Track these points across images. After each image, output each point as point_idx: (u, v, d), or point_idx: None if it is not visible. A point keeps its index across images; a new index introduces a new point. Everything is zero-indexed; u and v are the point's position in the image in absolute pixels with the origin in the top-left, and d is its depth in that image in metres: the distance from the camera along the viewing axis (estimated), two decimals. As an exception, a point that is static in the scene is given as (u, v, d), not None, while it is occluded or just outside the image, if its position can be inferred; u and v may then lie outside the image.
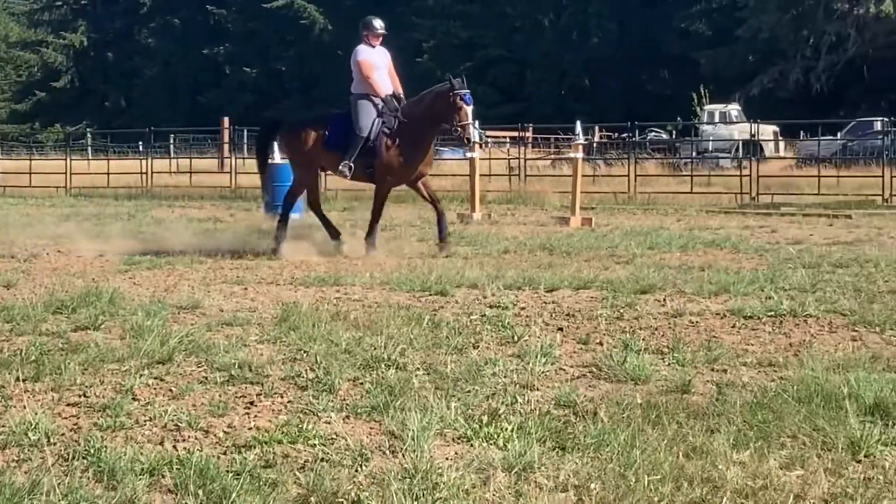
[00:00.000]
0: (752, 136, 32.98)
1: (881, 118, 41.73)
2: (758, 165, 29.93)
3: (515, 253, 15.38)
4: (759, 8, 63.19)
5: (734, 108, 50.63)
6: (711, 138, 44.28)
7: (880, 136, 33.82)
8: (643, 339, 8.78)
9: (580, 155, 23.84)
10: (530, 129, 42.61)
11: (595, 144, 38.53)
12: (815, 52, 63.15)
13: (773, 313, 9.87)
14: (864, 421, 6.25)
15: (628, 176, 29.72)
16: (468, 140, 15.86)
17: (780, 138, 45.36)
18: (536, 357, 8.00)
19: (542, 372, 7.69)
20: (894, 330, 9.15)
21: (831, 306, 10.28)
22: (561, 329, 9.31)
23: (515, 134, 38.66)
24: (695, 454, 5.76)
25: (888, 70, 64.08)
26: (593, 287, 11.65)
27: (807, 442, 5.95)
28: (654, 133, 45.69)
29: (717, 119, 48.39)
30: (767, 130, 43.87)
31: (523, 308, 10.43)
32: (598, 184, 30.87)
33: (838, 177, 30.60)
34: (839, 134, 43.18)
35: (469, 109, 15.31)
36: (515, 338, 8.81)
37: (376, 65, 15.85)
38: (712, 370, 7.76)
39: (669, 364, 7.93)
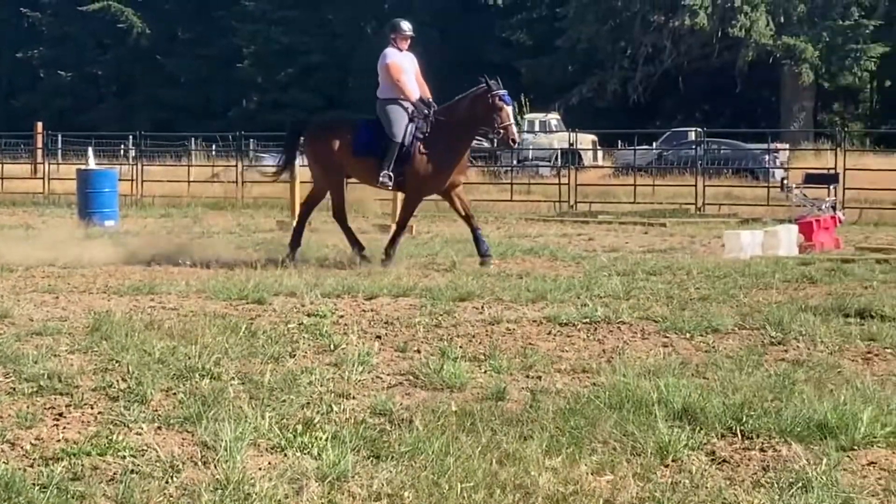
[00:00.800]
0: (571, 144, 33.47)
1: (695, 128, 42.76)
2: (576, 174, 30.39)
3: (335, 260, 15.33)
4: (578, 19, 64.15)
5: (554, 118, 51.35)
6: (531, 147, 44.83)
7: (694, 146, 34.64)
8: (460, 347, 8.84)
9: (401, 162, 23.84)
10: (351, 135, 42.48)
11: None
12: (633, 63, 64.35)
13: (588, 320, 10.04)
14: (672, 426, 6.38)
15: (448, 183, 29.87)
16: (513, 141, 15.30)
17: (599, 147, 46.11)
18: (353, 365, 7.99)
19: (359, 380, 7.68)
20: (704, 336, 9.38)
21: (644, 313, 10.49)
22: (379, 337, 9.32)
23: (337, 141, 38.52)
24: (508, 461, 5.81)
25: (702, 81, 65.70)
26: (412, 295, 11.69)
27: (617, 447, 6.06)
28: (475, 141, 45.98)
29: (537, 128, 49.00)
30: (586, 139, 44.57)
31: (342, 316, 10.41)
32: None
33: (654, 185, 31.24)
34: (654, 143, 44.13)
35: (510, 109, 14.92)
36: (333, 346, 8.78)
37: (405, 68, 15.25)
38: (527, 377, 7.85)
39: (486, 371, 8.00)
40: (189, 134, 43.15)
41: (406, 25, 15.51)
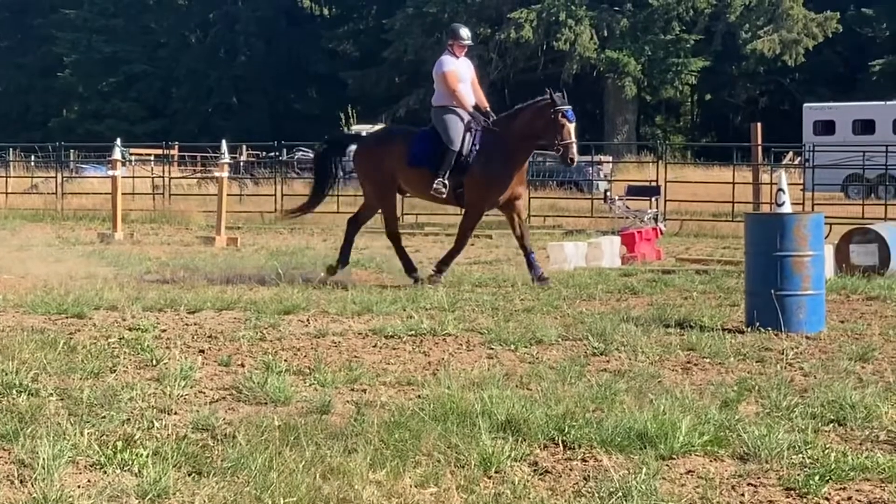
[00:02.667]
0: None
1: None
2: (402, 186, 30.41)
3: (158, 273, 15.08)
4: (405, 31, 64.45)
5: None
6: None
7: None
8: (285, 360, 8.77)
9: (225, 174, 23.66)
10: (176, 147, 42.00)
11: (242, 163, 38.31)
12: (459, 75, 64.87)
13: (413, 332, 10.07)
14: (496, 437, 6.42)
15: (275, 195, 29.68)
16: (571, 160, 14.31)
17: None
18: (175, 380, 7.85)
19: (181, 395, 7.56)
20: (528, 348, 9.47)
21: (470, 325, 10.58)
22: (202, 351, 9.19)
23: (160, 152, 37.97)
24: (332, 475, 5.77)
25: (528, 94, 66.27)
26: (237, 308, 11.57)
27: (441, 459, 6.06)
28: (301, 152, 45.82)
29: (363, 139, 48.97)
30: (412, 151, 44.69)
31: (164, 330, 10.24)
32: (245, 203, 30.71)
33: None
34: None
35: (572, 127, 14.20)
36: (155, 361, 8.62)
37: (462, 77, 14.67)
38: (353, 390, 7.82)
39: (311, 385, 7.95)
40: (7, 144, 42.05)
41: (465, 33, 14.99)
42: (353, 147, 16.15)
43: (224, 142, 24.49)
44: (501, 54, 63.22)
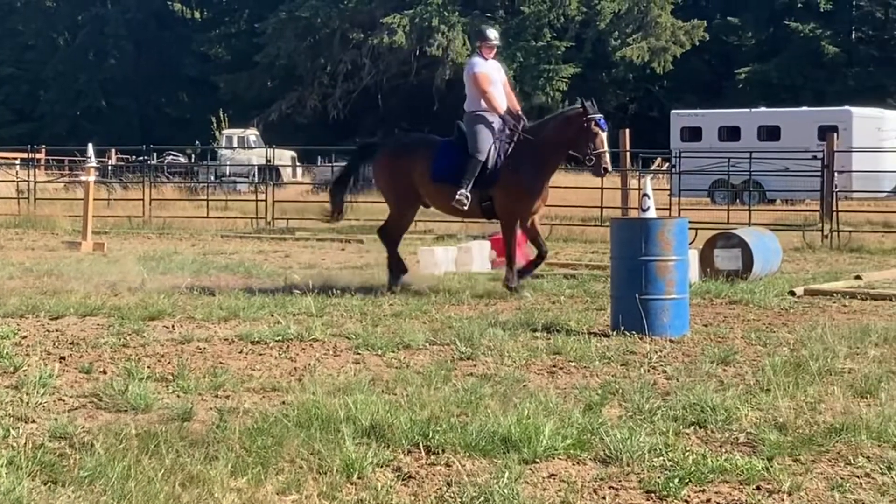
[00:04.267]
0: (269, 161, 33.31)
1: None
2: (274, 190, 30.27)
3: (20, 279, 14.77)
4: (277, 35, 64.15)
5: (252, 133, 51.08)
6: (229, 163, 44.46)
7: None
8: (148, 367, 8.63)
9: (92, 178, 23.26)
10: (42, 150, 41.23)
11: (110, 167, 37.73)
12: (332, 79, 64.78)
13: (280, 338, 9.99)
14: (360, 443, 6.38)
15: (143, 200, 29.29)
16: (605, 170, 13.99)
17: (298, 164, 46.13)
18: (34, 388, 7.69)
19: (40, 403, 7.40)
20: (395, 353, 9.45)
21: (338, 330, 10.53)
22: (63, 358, 9.02)
23: (25, 155, 37.20)
24: (192, 483, 5.69)
25: (401, 99, 66.62)
26: (100, 314, 11.39)
27: (304, 466, 6.01)
28: (171, 157, 45.35)
29: (235, 143, 48.65)
30: (285, 156, 44.57)
31: (25, 337, 10.04)
32: (112, 207, 30.26)
33: (352, 202, 31.25)
34: (353, 160, 44.34)
35: (605, 136, 13.77)
36: (13, 368, 8.44)
37: (493, 79, 14.14)
38: (216, 396, 7.73)
39: (173, 391, 7.83)
40: None
41: (493, 34, 14.52)
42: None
43: (91, 145, 24.04)
44: (374, 59, 63.28)
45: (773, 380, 8.07)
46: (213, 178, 39.83)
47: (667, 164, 36.66)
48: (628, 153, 27.45)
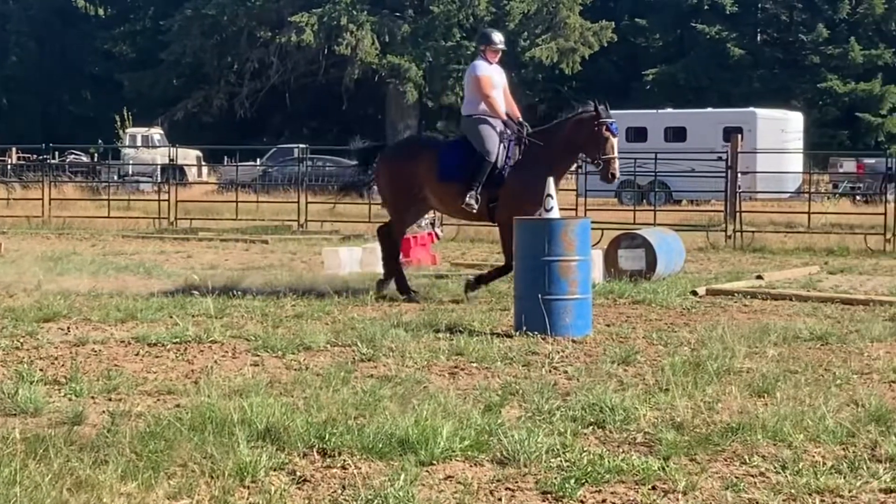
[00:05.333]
0: (172, 160, 32.92)
1: (301, 145, 43.03)
2: (177, 190, 29.96)
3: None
4: (183, 32, 63.50)
5: (157, 132, 50.55)
6: (133, 162, 43.94)
7: (298, 163, 34.77)
8: (41, 370, 8.46)
9: (-9, 177, 22.86)
10: (-60, 149, 40.54)
11: (10, 166, 37.12)
12: (239, 78, 64.26)
13: (178, 340, 9.85)
14: (254, 446, 6.27)
15: (43, 199, 28.83)
16: (613, 176, 13.48)
17: (204, 163, 45.73)
18: (-80, 392, 7.48)
19: (-75, 408, 7.20)
20: (295, 354, 9.35)
21: (237, 332, 10.40)
22: (-47, 361, 8.80)
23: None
24: (80, 488, 5.55)
25: (309, 98, 66.30)
26: (-7, 315, 11.14)
27: (196, 470, 5.90)
28: (73, 156, 44.73)
29: (139, 142, 48.11)
30: (190, 155, 44.13)
31: (-86, 339, 9.78)
32: (12, 207, 29.79)
33: (258, 202, 31.18)
34: (259, 160, 44.06)
35: (615, 141, 13.46)
36: None
37: (495, 83, 13.76)
38: (109, 400, 7.58)
39: (65, 395, 7.67)
40: None
41: (497, 37, 14.06)
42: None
43: (-10, 144, 23.62)
44: (282, 58, 62.85)
45: (673, 380, 8.08)
46: (116, 177, 39.34)
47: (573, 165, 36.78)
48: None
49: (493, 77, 13.78)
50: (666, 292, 13.57)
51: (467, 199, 13.38)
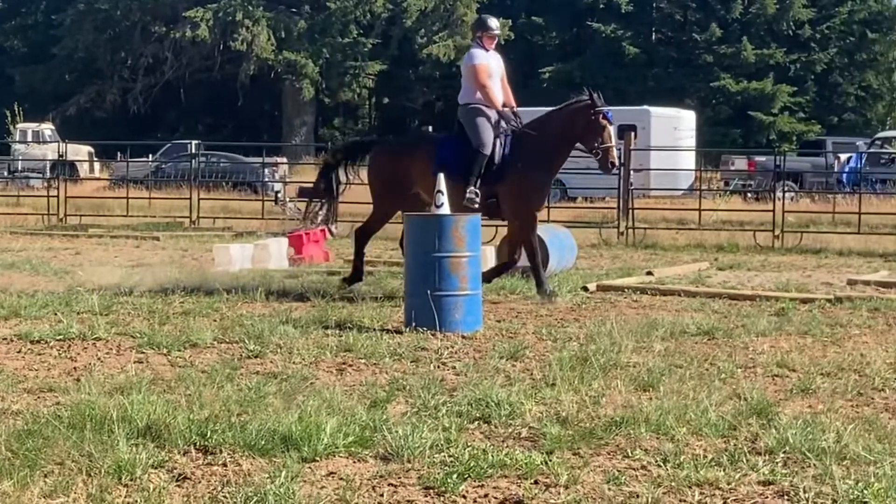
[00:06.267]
0: (61, 156, 32.38)
1: (194, 141, 42.62)
2: (67, 186, 29.50)
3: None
4: (76, 27, 62.63)
5: (48, 128, 49.75)
6: (22, 158, 43.23)
7: (191, 159, 34.41)
8: (-82, 368, 8.26)
9: None
10: None
11: None
12: (133, 73, 63.52)
13: (62, 337, 9.69)
14: (134, 444, 6.19)
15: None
16: (612, 164, 13.37)
17: (96, 159, 45.10)
18: None
19: None
20: (181, 351, 9.24)
21: (123, 329, 10.25)
22: None
23: None
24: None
25: (205, 94, 65.76)
26: None
27: (73, 468, 5.80)
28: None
29: (30, 138, 47.34)
30: (82, 151, 43.53)
31: None
32: None
33: (150, 198, 30.76)
34: (151, 156, 43.50)
35: (612, 129, 13.23)
36: None
37: (492, 71, 13.39)
38: (-13, 398, 7.42)
39: (-62, 395, 7.50)
40: None
41: (494, 23, 13.72)
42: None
43: None
44: (177, 54, 62.24)
45: (560, 374, 8.13)
46: (6, 172, 38.66)
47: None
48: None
49: (490, 65, 13.45)
50: (557, 288, 13.61)
51: (468, 195, 12.98)
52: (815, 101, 65.13)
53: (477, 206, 13.03)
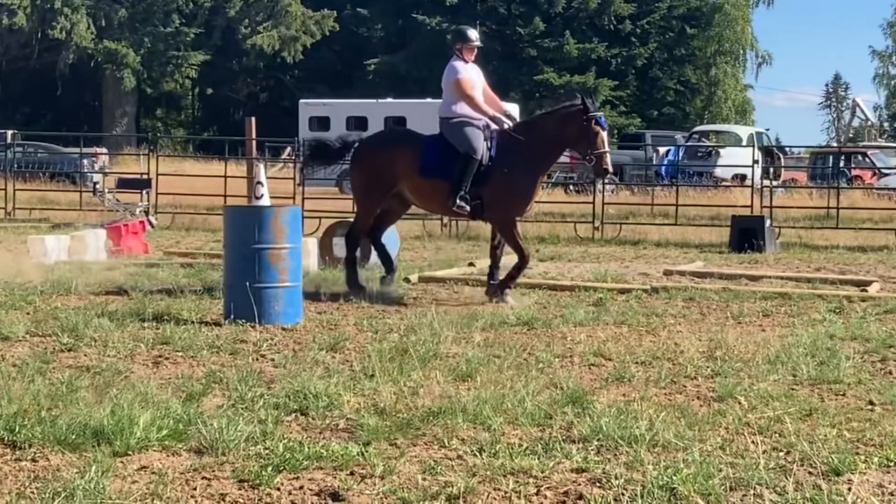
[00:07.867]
0: None
1: (10, 131, 41.50)
2: None
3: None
4: None
5: None
6: None
7: (6, 149, 33.50)
8: None
9: None
10: None
11: None
12: None
13: None
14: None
15: None
16: (606, 171, 12.96)
17: None
18: None
19: None
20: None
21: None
22: None
23: None
24: None
25: (22, 83, 64.10)
26: None
27: None
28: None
29: None
30: None
31: None
32: None
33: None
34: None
35: (605, 135, 12.85)
36: None
37: (475, 83, 13.03)
38: None
39: None
40: None
41: (473, 34, 13.39)
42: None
43: None
44: (-6, 41, 60.62)
45: (379, 366, 8.12)
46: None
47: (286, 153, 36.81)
48: (254, 142, 27.25)
49: (472, 78, 13.22)
50: (379, 279, 13.60)
51: (459, 202, 12.79)
52: (636, 96, 66.49)
53: (468, 211, 12.99)
